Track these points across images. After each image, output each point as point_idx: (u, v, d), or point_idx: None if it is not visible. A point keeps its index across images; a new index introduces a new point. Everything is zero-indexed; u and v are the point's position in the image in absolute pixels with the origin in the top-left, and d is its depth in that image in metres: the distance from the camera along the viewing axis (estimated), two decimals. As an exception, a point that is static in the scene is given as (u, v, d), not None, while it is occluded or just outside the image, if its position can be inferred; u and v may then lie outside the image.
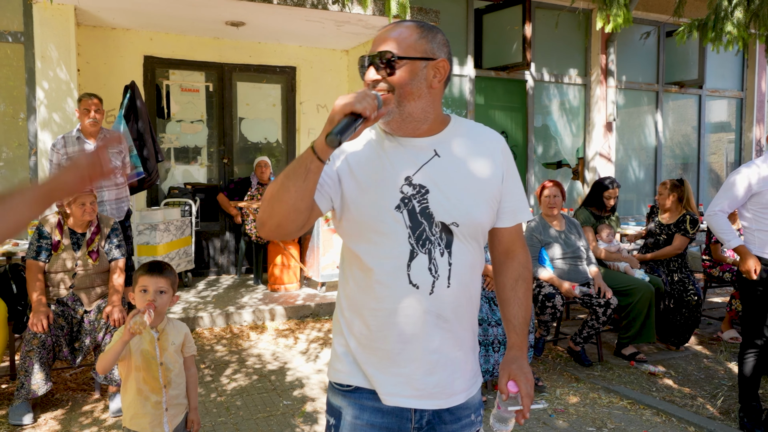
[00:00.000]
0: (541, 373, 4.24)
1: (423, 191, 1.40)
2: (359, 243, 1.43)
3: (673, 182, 4.96)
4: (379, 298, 1.41)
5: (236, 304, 5.64)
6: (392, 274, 1.40)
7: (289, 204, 1.30)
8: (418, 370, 1.42)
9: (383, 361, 1.43)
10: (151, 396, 2.29)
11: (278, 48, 7.03)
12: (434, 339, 1.42)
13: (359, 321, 1.45)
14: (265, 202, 1.34)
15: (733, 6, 4.19)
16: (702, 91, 9.33)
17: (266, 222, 1.35)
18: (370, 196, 1.39)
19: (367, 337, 1.44)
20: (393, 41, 1.39)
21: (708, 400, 3.81)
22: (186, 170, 6.94)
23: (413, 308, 1.40)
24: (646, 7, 8.35)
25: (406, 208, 1.39)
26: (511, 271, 1.58)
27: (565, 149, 8.53)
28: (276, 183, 1.32)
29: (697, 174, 9.53)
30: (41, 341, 3.39)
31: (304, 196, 1.30)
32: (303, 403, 3.67)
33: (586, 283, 4.36)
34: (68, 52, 5.35)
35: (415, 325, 1.41)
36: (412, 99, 1.38)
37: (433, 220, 1.40)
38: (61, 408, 3.57)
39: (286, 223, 1.34)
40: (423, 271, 1.39)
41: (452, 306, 1.43)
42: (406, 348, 1.42)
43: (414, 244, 1.39)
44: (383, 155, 1.42)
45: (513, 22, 7.32)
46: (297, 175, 1.28)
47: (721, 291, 6.73)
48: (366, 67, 1.40)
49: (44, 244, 3.62)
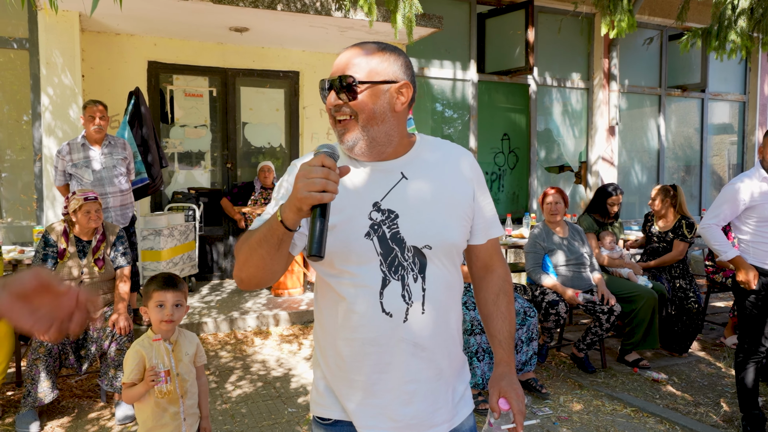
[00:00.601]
0: (545, 379, 4.25)
1: (392, 216, 1.36)
2: (330, 273, 1.39)
3: (664, 188, 4.98)
4: (353, 328, 1.37)
5: (240, 309, 5.66)
6: (365, 302, 1.35)
7: (263, 268, 1.29)
8: (394, 400, 1.38)
9: (359, 392, 1.39)
10: (169, 407, 2.32)
11: (281, 53, 7.05)
12: (410, 368, 1.38)
13: (334, 351, 1.42)
14: (239, 263, 1.33)
15: (736, 15, 4.20)
16: (705, 94, 9.34)
17: (243, 279, 1.34)
18: (339, 226, 1.34)
19: (341, 367, 1.41)
20: (354, 65, 1.35)
21: (711, 407, 3.82)
22: (190, 175, 6.96)
23: (387, 337, 1.36)
24: (649, 11, 8.36)
25: (376, 234, 1.35)
26: (492, 285, 1.55)
27: (568, 153, 8.54)
28: (247, 248, 1.30)
29: (699, 176, 9.54)
30: (48, 349, 3.41)
31: (278, 260, 1.29)
32: (308, 411, 3.69)
33: (590, 290, 4.37)
34: (73, 58, 5.38)
35: (390, 355, 1.37)
36: (375, 123, 1.35)
37: (405, 245, 1.36)
38: (67, 415, 3.59)
39: (263, 281, 1.33)
40: (396, 299, 1.35)
41: (428, 333, 1.38)
42: (381, 378, 1.38)
43: (386, 271, 1.35)
44: (348, 182, 1.38)
45: (516, 26, 7.33)
46: (270, 244, 1.25)
47: (724, 296, 6.73)
48: (327, 90, 1.36)
49: (50, 252, 3.65)
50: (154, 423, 2.32)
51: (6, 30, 5.73)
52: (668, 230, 4.93)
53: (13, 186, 5.97)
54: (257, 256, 1.28)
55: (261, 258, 1.27)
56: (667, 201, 4.93)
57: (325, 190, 1.15)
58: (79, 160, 4.57)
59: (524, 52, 7.25)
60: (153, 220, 5.81)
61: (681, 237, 4.85)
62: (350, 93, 1.33)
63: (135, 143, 5.28)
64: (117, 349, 3.54)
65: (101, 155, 4.63)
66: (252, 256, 1.29)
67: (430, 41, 6.97)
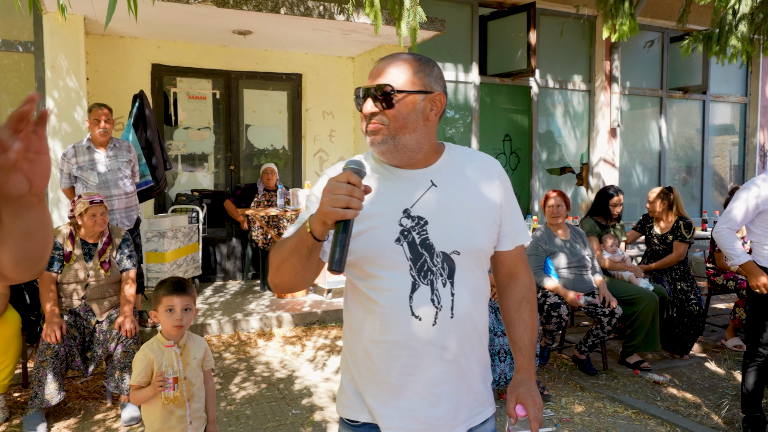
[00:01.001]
0: (547, 381, 4.28)
1: (422, 222, 1.41)
2: (361, 277, 1.44)
3: (662, 190, 5.03)
4: (383, 331, 1.41)
5: (244, 310, 5.69)
6: (395, 306, 1.40)
7: (294, 275, 1.37)
8: (421, 402, 1.42)
9: (386, 393, 1.43)
10: (175, 410, 2.35)
11: (284, 55, 7.09)
12: (437, 371, 1.42)
13: (363, 354, 1.46)
14: (274, 270, 1.40)
15: (737, 20, 4.22)
16: (706, 96, 9.36)
17: (277, 284, 1.43)
18: (370, 231, 1.39)
19: (370, 369, 1.44)
20: (391, 74, 1.39)
21: (712, 409, 3.85)
22: (193, 177, 7.00)
23: (416, 340, 1.40)
24: (650, 13, 8.39)
25: (406, 240, 1.39)
26: (515, 293, 1.59)
27: (569, 155, 8.56)
28: (280, 256, 1.37)
29: (700, 178, 9.56)
30: (54, 352, 3.44)
31: (309, 268, 1.37)
32: (312, 413, 3.72)
33: (591, 293, 4.40)
34: (78, 61, 5.41)
35: (418, 357, 1.41)
36: (408, 132, 1.39)
37: (434, 251, 1.40)
38: (74, 417, 3.63)
39: (296, 286, 1.42)
40: (425, 303, 1.39)
41: (456, 337, 1.42)
42: (409, 380, 1.42)
43: (415, 275, 1.39)
44: (380, 189, 1.43)
45: (518, 29, 7.36)
46: (300, 253, 1.33)
47: (725, 297, 6.75)
48: (363, 98, 1.41)
49: (56, 255, 3.68)
50: (161, 425, 2.35)
51: (11, 33, 5.77)
52: (667, 232, 4.97)
53: (18, 188, 6.00)
54: (289, 264, 1.35)
55: (293, 266, 1.35)
56: (665, 203, 4.97)
57: (348, 207, 1.21)
58: (85, 162, 4.61)
59: (526, 55, 7.28)
60: (157, 222, 5.84)
61: (680, 238, 4.89)
62: (387, 102, 1.37)
63: (139, 146, 5.32)
64: (123, 351, 3.57)
65: (106, 158, 4.67)
66: (284, 264, 1.37)
67: (432, 44, 7.00)
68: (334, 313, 5.78)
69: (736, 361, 4.75)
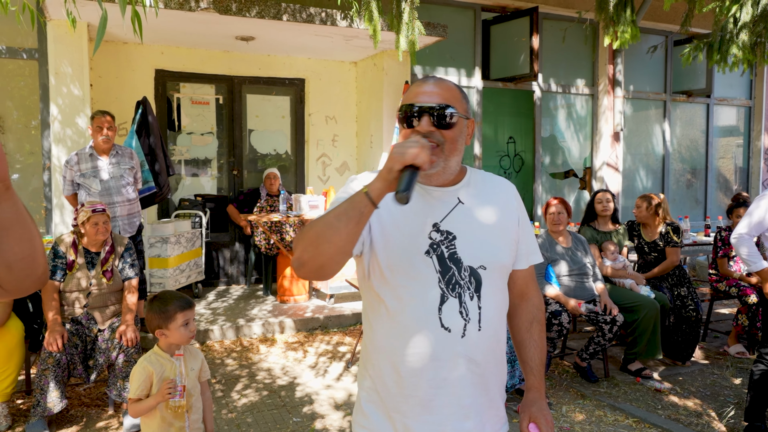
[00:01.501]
0: (548, 389, 4.28)
1: (450, 237, 1.44)
2: (388, 289, 1.43)
3: (649, 196, 5.06)
4: (411, 343, 1.41)
5: (246, 316, 5.71)
6: (424, 318, 1.41)
7: (339, 246, 1.28)
8: (451, 416, 1.43)
9: (414, 408, 1.43)
10: (174, 422, 2.38)
11: (287, 60, 7.11)
12: (466, 384, 1.43)
13: (390, 368, 1.45)
14: (307, 242, 1.30)
15: (738, 28, 4.21)
16: (710, 99, 9.33)
17: (307, 262, 1.31)
18: (400, 241, 1.42)
19: (398, 383, 1.44)
20: (447, 96, 1.43)
21: (714, 418, 3.84)
22: (196, 182, 7.03)
23: (446, 352, 1.41)
24: (653, 17, 8.37)
25: (435, 253, 1.42)
26: (526, 313, 1.62)
27: (573, 159, 8.55)
28: (322, 225, 1.29)
29: (705, 181, 9.53)
30: (56, 360, 3.47)
31: (353, 239, 1.29)
32: (312, 420, 3.73)
33: (592, 300, 4.40)
34: (81, 68, 5.44)
35: (447, 370, 1.42)
36: (455, 154, 1.44)
37: (462, 265, 1.43)
38: (76, 424, 3.65)
39: (330, 265, 1.31)
40: (454, 315, 1.41)
41: (482, 350, 1.45)
42: (438, 393, 1.42)
43: (444, 288, 1.42)
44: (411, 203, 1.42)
45: (520, 33, 7.36)
46: (350, 217, 1.26)
47: (728, 303, 6.73)
48: (419, 116, 1.41)
49: (59, 264, 3.71)
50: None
51: (16, 41, 5.81)
52: (655, 239, 4.98)
53: (22, 194, 6.05)
54: (333, 231, 1.27)
55: (337, 232, 1.27)
56: (651, 209, 4.99)
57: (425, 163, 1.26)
58: (87, 170, 4.64)
59: (529, 59, 7.28)
60: (160, 227, 5.87)
61: (672, 244, 4.90)
62: (447, 123, 1.41)
63: (142, 152, 5.34)
64: (125, 360, 3.60)
65: (109, 165, 4.69)
66: (326, 232, 1.28)
67: (435, 48, 7.01)
68: (336, 318, 5.79)
69: (738, 368, 4.73)
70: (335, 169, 7.51)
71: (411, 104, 1.42)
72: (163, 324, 2.38)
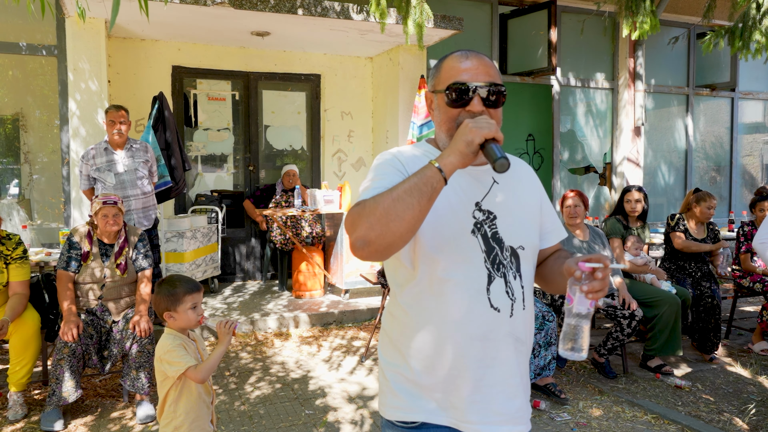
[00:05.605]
0: (564, 384, 4.21)
1: (491, 217, 1.42)
2: (435, 269, 1.38)
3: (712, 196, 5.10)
4: (461, 324, 1.38)
5: (261, 310, 5.72)
6: (473, 298, 1.38)
7: (410, 223, 1.21)
8: (500, 394, 1.42)
9: (464, 388, 1.40)
10: (206, 398, 2.43)
11: (303, 56, 7.11)
12: (513, 362, 1.43)
13: (434, 350, 1.40)
14: (374, 220, 1.20)
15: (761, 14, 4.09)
16: (735, 93, 9.12)
17: (374, 241, 1.21)
18: (447, 220, 1.37)
19: (443, 365, 1.40)
20: (493, 74, 1.40)
21: (736, 415, 3.73)
22: (212, 177, 7.06)
23: (496, 332, 1.40)
24: (675, 9, 8.20)
25: (480, 232, 1.40)
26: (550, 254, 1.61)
27: (592, 154, 8.42)
28: (389, 200, 1.21)
29: (729, 178, 9.33)
30: (71, 350, 3.49)
31: (424, 217, 1.23)
32: (325, 413, 3.71)
33: (611, 294, 4.31)
34: (99, 64, 5.50)
35: (496, 350, 1.40)
36: None
37: (503, 245, 1.42)
38: (91, 414, 3.68)
39: (398, 244, 1.23)
40: (501, 295, 1.40)
41: (527, 328, 1.47)
42: (487, 373, 1.40)
43: (490, 268, 1.40)
44: (451, 181, 1.39)
45: (538, 27, 7.27)
46: (422, 193, 1.20)
47: (753, 300, 6.57)
48: (473, 94, 1.36)
49: (74, 255, 3.73)
50: (197, 413, 2.38)
51: (35, 37, 5.89)
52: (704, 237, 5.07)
53: (42, 189, 6.13)
54: (405, 206, 1.19)
55: (410, 208, 1.20)
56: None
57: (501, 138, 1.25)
58: (102, 164, 4.67)
59: (547, 53, 7.18)
60: (176, 222, 5.90)
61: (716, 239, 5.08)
62: (498, 101, 1.39)
63: (159, 147, 5.38)
64: (138, 350, 3.61)
65: (123, 158, 4.72)
66: (397, 208, 1.19)
67: (452, 42, 6.94)
68: (351, 313, 5.76)
69: (762, 365, 4.61)
70: (351, 165, 7.49)
71: (463, 82, 1.36)
72: (171, 306, 2.38)
